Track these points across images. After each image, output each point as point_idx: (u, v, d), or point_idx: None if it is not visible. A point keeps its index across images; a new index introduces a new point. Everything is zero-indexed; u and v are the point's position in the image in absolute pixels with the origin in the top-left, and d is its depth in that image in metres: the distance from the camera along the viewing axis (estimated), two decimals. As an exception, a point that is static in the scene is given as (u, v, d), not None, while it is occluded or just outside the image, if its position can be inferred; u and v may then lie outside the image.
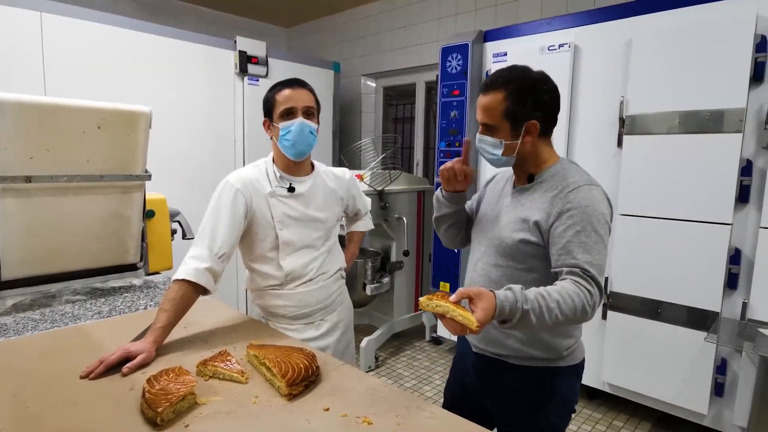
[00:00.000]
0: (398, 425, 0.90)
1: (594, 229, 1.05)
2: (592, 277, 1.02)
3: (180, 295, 1.24)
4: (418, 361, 3.22)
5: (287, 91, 1.40)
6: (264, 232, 1.42)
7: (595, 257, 1.04)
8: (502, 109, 1.13)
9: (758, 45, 1.95)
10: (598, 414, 2.56)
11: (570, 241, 1.05)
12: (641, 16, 2.27)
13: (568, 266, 1.04)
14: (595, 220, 1.06)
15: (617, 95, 2.34)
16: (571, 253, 1.04)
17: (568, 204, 1.08)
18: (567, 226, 1.06)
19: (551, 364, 1.18)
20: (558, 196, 1.10)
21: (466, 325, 0.89)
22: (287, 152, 1.41)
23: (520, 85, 1.13)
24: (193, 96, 3.13)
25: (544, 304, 0.95)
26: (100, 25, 2.71)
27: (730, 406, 2.12)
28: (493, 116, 1.14)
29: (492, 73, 1.18)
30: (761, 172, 1.99)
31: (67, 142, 1.55)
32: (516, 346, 1.18)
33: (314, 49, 4.76)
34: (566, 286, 0.99)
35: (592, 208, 1.07)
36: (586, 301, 0.99)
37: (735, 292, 2.08)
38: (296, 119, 1.39)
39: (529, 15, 3.18)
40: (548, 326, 0.97)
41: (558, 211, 1.08)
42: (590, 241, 1.04)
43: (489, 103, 1.14)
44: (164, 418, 0.88)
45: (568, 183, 1.12)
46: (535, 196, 1.15)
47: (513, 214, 1.18)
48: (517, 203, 1.19)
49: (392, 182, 3.19)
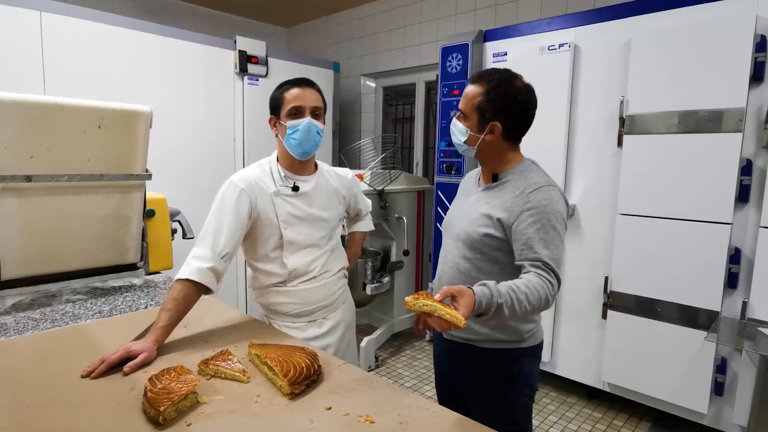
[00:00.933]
0: (400, 424, 0.90)
1: (552, 226, 1.16)
2: (552, 269, 1.13)
3: (182, 295, 1.24)
4: (419, 360, 3.23)
5: (296, 90, 1.40)
6: (269, 232, 1.42)
7: (554, 252, 1.14)
8: (476, 102, 1.24)
9: (758, 45, 1.95)
10: (598, 413, 2.56)
11: (531, 237, 1.15)
12: (640, 16, 2.27)
13: (531, 260, 1.14)
14: (554, 218, 1.17)
15: (617, 95, 2.34)
16: (533, 248, 1.14)
17: (529, 203, 1.17)
18: (528, 224, 1.16)
19: (515, 346, 1.28)
20: (520, 196, 1.20)
21: (453, 323, 0.93)
22: (293, 151, 1.42)
23: (498, 87, 1.22)
24: (194, 95, 3.12)
25: (515, 297, 1.03)
26: (100, 25, 2.70)
27: (730, 405, 2.12)
28: (467, 105, 1.26)
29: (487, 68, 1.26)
30: (761, 171, 1.99)
31: (67, 142, 1.55)
32: (484, 331, 1.27)
33: (314, 49, 4.76)
34: (531, 279, 1.09)
35: (550, 208, 1.17)
36: (548, 291, 1.09)
37: (735, 291, 2.09)
38: (304, 119, 1.39)
39: (528, 15, 3.18)
40: (518, 317, 1.06)
41: (520, 210, 1.18)
42: (549, 237, 1.15)
43: (469, 93, 1.26)
44: (166, 417, 0.88)
45: (528, 184, 1.21)
46: (499, 195, 1.25)
47: (479, 211, 1.27)
48: (483, 200, 1.28)
49: (392, 182, 3.19)
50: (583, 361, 2.58)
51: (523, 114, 1.24)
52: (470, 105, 1.25)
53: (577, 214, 2.55)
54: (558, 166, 2.54)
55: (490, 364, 1.30)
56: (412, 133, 4.25)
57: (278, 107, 1.43)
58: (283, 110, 1.41)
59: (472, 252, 1.26)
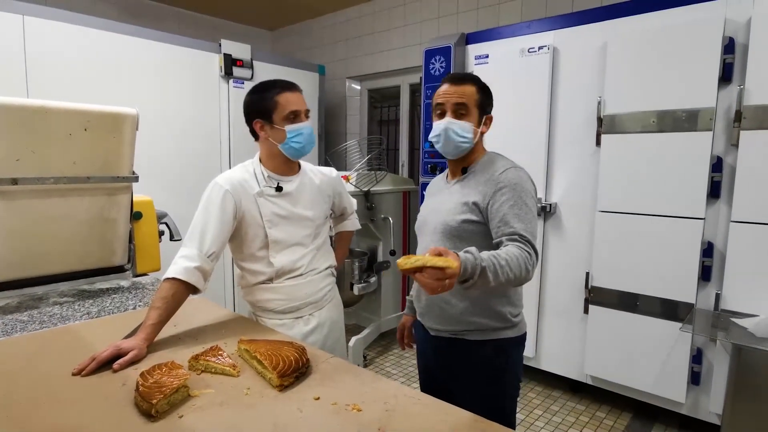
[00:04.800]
0: (386, 411, 0.94)
1: (524, 202, 1.23)
2: (529, 241, 1.18)
3: (171, 294, 1.26)
4: (406, 359, 3.26)
5: (289, 94, 1.44)
6: (254, 232, 1.45)
7: (528, 225, 1.20)
8: (476, 98, 1.33)
9: (726, 47, 2.03)
10: (582, 406, 2.62)
11: (506, 213, 1.21)
12: (616, 20, 2.35)
13: (507, 234, 1.19)
14: (525, 194, 1.24)
15: (595, 95, 2.42)
16: (509, 224, 1.20)
17: (500, 183, 1.25)
18: (501, 202, 1.23)
19: (503, 335, 1.33)
20: (491, 179, 1.28)
21: (447, 267, 0.94)
22: (291, 153, 1.46)
23: (484, 85, 1.37)
24: (179, 98, 3.13)
25: (496, 263, 1.06)
26: (84, 28, 2.70)
27: (707, 393, 2.20)
28: (470, 101, 1.32)
29: (453, 73, 1.32)
30: (730, 168, 2.07)
31: (53, 145, 1.55)
32: (468, 318, 1.31)
33: (299, 52, 4.78)
34: (510, 249, 1.13)
35: (520, 186, 1.25)
36: (527, 260, 1.13)
37: (708, 283, 2.16)
38: (304, 122, 1.45)
39: (509, 18, 3.25)
40: (501, 283, 1.08)
41: (493, 191, 1.25)
42: (522, 213, 1.21)
43: (465, 91, 1.32)
44: (158, 409, 0.90)
45: (497, 167, 1.30)
46: (471, 183, 1.32)
47: (453, 201, 1.32)
48: (456, 192, 1.35)
49: (378, 183, 3.23)
50: (566, 355, 2.65)
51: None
52: (472, 101, 1.32)
53: (559, 212, 2.62)
54: (539, 165, 2.61)
55: (479, 357, 1.33)
56: (398, 134, 4.29)
57: (269, 111, 1.43)
58: (277, 114, 1.42)
59: (451, 241, 1.29)
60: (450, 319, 1.34)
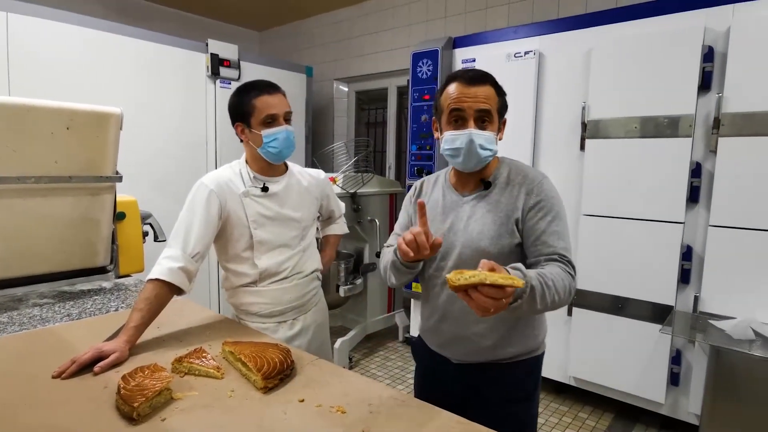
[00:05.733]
0: (370, 413, 0.94)
1: (561, 217, 1.12)
2: (570, 261, 1.08)
3: (154, 295, 1.25)
4: (392, 361, 3.27)
5: (266, 96, 1.39)
6: (239, 232, 1.44)
7: (568, 243, 1.11)
8: (497, 102, 1.14)
9: (705, 55, 2.08)
10: (565, 407, 2.66)
11: (545, 231, 1.10)
12: (600, 27, 2.39)
13: (546, 255, 1.08)
14: (562, 208, 1.14)
15: (579, 101, 2.46)
16: (547, 243, 1.09)
17: (537, 197, 1.12)
18: (539, 218, 1.11)
19: (533, 354, 1.23)
20: (525, 191, 1.14)
21: (509, 286, 0.82)
22: (270, 158, 1.44)
23: (498, 84, 1.16)
24: (165, 98, 3.10)
25: (543, 283, 0.96)
26: (69, 26, 2.66)
27: (686, 394, 2.25)
28: (492, 105, 1.13)
29: (465, 68, 1.15)
30: (709, 173, 2.12)
31: (34, 143, 1.53)
32: (502, 350, 1.18)
33: (286, 53, 4.77)
34: (554, 269, 1.03)
35: (557, 199, 1.14)
36: (571, 283, 1.04)
37: (688, 286, 2.21)
38: (281, 127, 1.41)
39: (496, 23, 3.29)
40: (546, 306, 0.98)
41: (530, 205, 1.12)
42: (561, 229, 1.11)
43: (487, 94, 1.12)
44: (140, 413, 0.89)
45: (528, 178, 1.16)
46: (501, 199, 1.16)
47: (486, 222, 1.14)
48: (481, 209, 1.16)
49: (365, 185, 3.24)
50: (550, 357, 2.63)
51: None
52: (494, 106, 1.13)
53: (543, 215, 2.64)
54: (525, 169, 2.63)
55: (511, 379, 1.20)
56: (385, 137, 4.31)
57: (247, 115, 1.40)
58: (254, 118, 1.40)
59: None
60: (481, 352, 1.20)
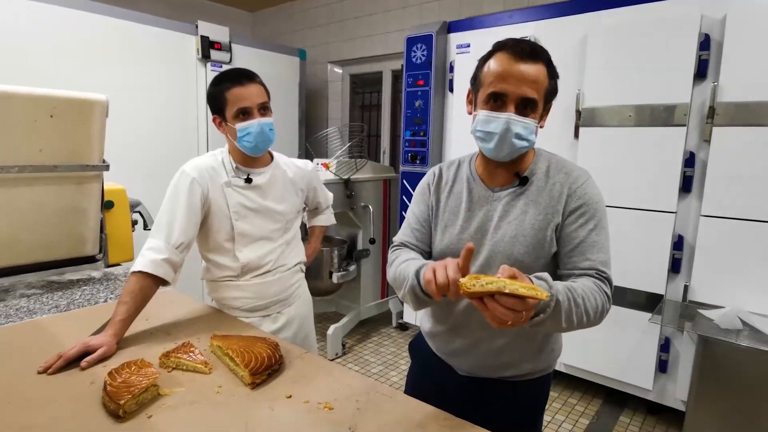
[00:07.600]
0: (358, 410, 0.94)
1: (603, 226, 0.99)
2: (608, 278, 0.96)
3: (138, 287, 1.23)
4: (385, 347, 3.29)
5: (238, 88, 1.33)
6: (219, 223, 1.41)
7: (608, 256, 0.98)
8: (547, 86, 0.97)
9: (702, 43, 2.06)
10: (555, 393, 2.69)
11: (584, 240, 0.97)
12: (596, 12, 2.35)
13: (583, 269, 0.96)
14: (604, 216, 1.00)
15: (574, 88, 2.43)
16: (585, 254, 0.97)
17: (579, 200, 0.99)
18: (580, 225, 0.98)
19: (546, 372, 1.15)
20: (565, 192, 1.00)
21: (532, 297, 0.72)
22: (247, 151, 1.40)
23: (552, 64, 0.98)
24: (154, 82, 3.03)
25: (572, 298, 0.86)
26: (51, 6, 2.58)
27: (673, 381, 2.28)
28: (539, 91, 0.96)
29: (517, 38, 0.97)
30: (702, 163, 2.12)
31: (17, 132, 1.49)
32: (520, 366, 1.08)
33: (279, 36, 4.67)
34: (587, 284, 0.92)
35: (601, 204, 1.00)
36: (605, 301, 0.92)
37: (678, 275, 2.23)
38: (254, 120, 1.35)
39: (492, 7, 3.22)
40: (572, 325, 0.87)
41: (571, 208, 0.99)
42: (601, 239, 0.98)
43: (537, 75, 0.94)
44: (126, 410, 0.89)
45: (571, 176, 1.02)
46: (540, 199, 1.01)
47: (524, 225, 1.00)
48: (516, 209, 1.02)
49: (358, 171, 3.21)
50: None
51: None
52: (541, 90, 0.96)
53: (536, 203, 2.64)
54: (518, 157, 2.62)
55: (523, 394, 1.12)
56: (379, 120, 4.26)
57: (221, 108, 1.36)
58: (228, 112, 1.35)
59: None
60: (494, 368, 1.10)
